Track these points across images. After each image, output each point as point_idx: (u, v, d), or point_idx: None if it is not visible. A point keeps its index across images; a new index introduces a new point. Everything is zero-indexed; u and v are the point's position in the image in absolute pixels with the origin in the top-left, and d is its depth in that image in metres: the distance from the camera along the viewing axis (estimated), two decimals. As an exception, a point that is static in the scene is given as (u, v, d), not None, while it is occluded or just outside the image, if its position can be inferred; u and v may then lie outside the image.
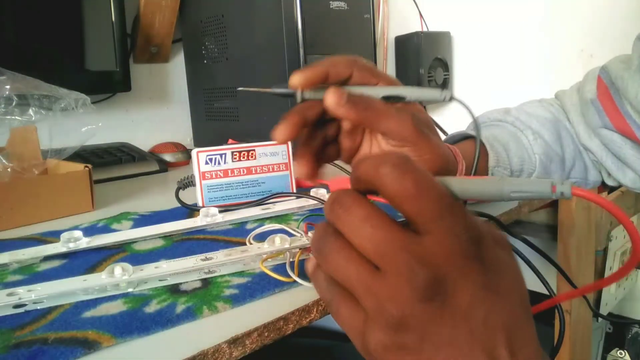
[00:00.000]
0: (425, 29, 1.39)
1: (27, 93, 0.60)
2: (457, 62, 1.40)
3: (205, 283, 0.40)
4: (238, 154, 0.60)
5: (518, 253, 0.45)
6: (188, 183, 0.61)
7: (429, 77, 1.32)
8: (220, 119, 1.02)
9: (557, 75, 1.19)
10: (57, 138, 0.63)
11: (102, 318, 0.35)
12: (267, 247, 0.44)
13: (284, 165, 0.62)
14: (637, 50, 0.57)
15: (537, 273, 0.48)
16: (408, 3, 1.40)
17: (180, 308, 0.36)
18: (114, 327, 0.33)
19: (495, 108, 0.67)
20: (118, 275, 0.39)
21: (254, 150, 0.61)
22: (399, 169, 0.24)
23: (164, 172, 0.91)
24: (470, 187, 0.27)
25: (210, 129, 1.07)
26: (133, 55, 1.07)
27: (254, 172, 0.61)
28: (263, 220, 0.56)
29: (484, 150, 0.56)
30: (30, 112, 0.61)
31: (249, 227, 0.54)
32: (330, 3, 0.89)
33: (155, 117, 1.13)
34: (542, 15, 1.21)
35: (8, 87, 0.59)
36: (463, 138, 0.59)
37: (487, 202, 0.60)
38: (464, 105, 0.40)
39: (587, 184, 0.66)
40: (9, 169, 0.59)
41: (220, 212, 0.55)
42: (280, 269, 0.41)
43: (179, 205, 0.61)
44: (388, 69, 1.40)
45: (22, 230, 0.56)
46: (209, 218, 0.54)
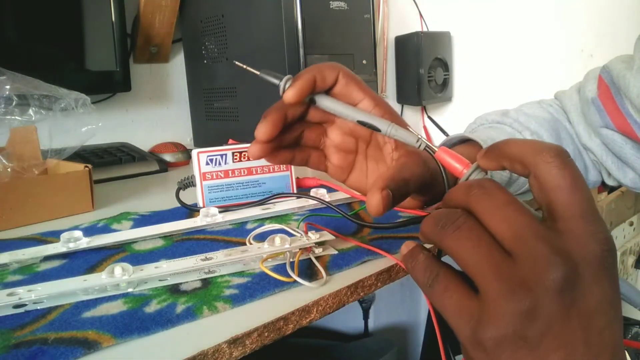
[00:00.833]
0: (425, 29, 1.39)
1: (27, 93, 0.60)
2: (457, 62, 1.40)
3: (205, 283, 0.40)
4: (239, 155, 0.60)
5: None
6: (188, 183, 0.61)
7: (429, 77, 1.32)
8: (220, 119, 1.02)
9: (557, 75, 1.19)
10: (57, 138, 0.63)
11: (102, 318, 0.35)
12: (267, 247, 0.44)
13: (285, 166, 0.62)
14: (638, 50, 0.57)
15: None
16: (408, 3, 1.40)
17: (180, 308, 0.36)
18: (114, 327, 0.33)
19: (494, 110, 0.68)
20: (118, 275, 0.39)
21: (254, 150, 0.61)
22: (561, 159, 0.25)
23: (164, 172, 0.91)
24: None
25: (210, 129, 1.07)
26: (133, 55, 1.07)
27: (255, 172, 0.61)
28: (263, 220, 0.56)
29: None
30: (30, 112, 0.61)
31: (249, 227, 0.54)
32: (330, 3, 0.89)
33: (155, 117, 1.13)
34: (542, 15, 1.21)
35: (8, 87, 0.59)
36: (461, 141, 0.59)
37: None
38: (435, 160, 0.36)
39: (587, 184, 0.66)
40: (9, 169, 0.59)
41: (220, 212, 0.55)
42: (280, 269, 0.41)
43: (179, 205, 0.61)
44: (388, 69, 1.40)
45: (22, 230, 0.56)
46: (209, 218, 0.54)
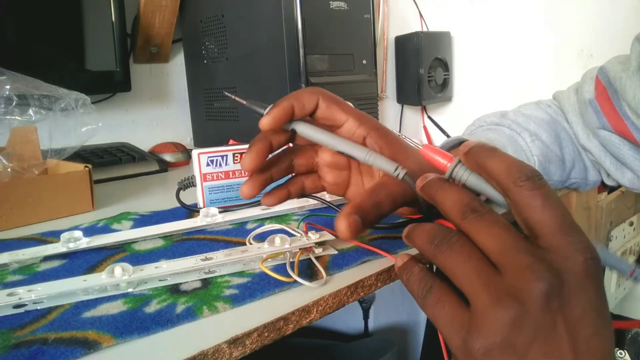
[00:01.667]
0: (425, 29, 1.39)
1: (27, 93, 0.60)
2: (457, 62, 1.40)
3: (205, 283, 0.40)
4: (239, 156, 0.60)
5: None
6: (189, 184, 0.61)
7: (429, 77, 1.32)
8: (220, 119, 1.02)
9: (556, 75, 1.19)
10: (57, 138, 0.63)
11: (102, 318, 0.35)
12: (267, 247, 0.44)
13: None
14: (635, 52, 0.57)
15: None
16: (408, 3, 1.40)
17: (180, 308, 0.36)
18: (114, 327, 0.33)
19: (493, 111, 0.67)
20: (118, 275, 0.39)
21: (254, 151, 0.61)
22: (532, 182, 0.26)
23: (164, 172, 0.91)
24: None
25: (210, 129, 1.07)
26: (133, 55, 1.07)
27: (254, 172, 0.61)
28: (263, 220, 0.56)
29: None
30: (30, 112, 0.61)
31: (249, 227, 0.54)
32: (330, 3, 0.89)
33: (155, 117, 1.13)
34: (542, 15, 1.21)
35: (8, 87, 0.59)
36: (459, 143, 0.59)
37: None
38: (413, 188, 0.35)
39: (587, 184, 0.66)
40: (9, 169, 0.59)
41: (220, 212, 0.55)
42: (280, 269, 0.41)
43: (179, 205, 0.61)
44: (388, 69, 1.40)
45: (22, 230, 0.56)
46: (209, 218, 0.54)
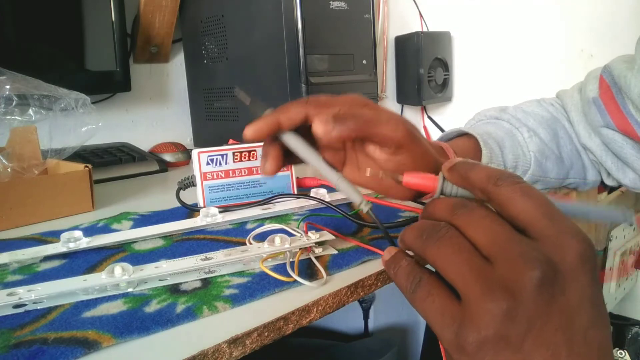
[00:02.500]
0: (425, 29, 1.39)
1: (27, 93, 0.60)
2: (457, 62, 1.40)
3: (205, 283, 0.40)
4: (239, 155, 0.60)
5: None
6: (189, 183, 0.61)
7: (429, 77, 1.32)
8: (220, 119, 1.02)
9: (557, 75, 1.19)
10: (57, 138, 0.63)
11: (102, 318, 0.35)
12: (267, 247, 0.44)
13: (285, 166, 0.62)
14: (639, 51, 0.57)
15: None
16: (408, 3, 1.40)
17: (180, 308, 0.36)
18: (114, 327, 0.33)
19: (493, 106, 0.68)
20: (118, 275, 0.39)
21: (255, 151, 0.61)
22: (511, 179, 0.27)
23: (164, 172, 0.91)
24: None
25: (211, 129, 1.07)
26: (133, 55, 1.07)
27: (255, 172, 0.61)
28: (263, 220, 0.56)
29: (478, 147, 0.56)
30: (30, 112, 0.61)
31: (249, 227, 0.54)
32: (330, 3, 0.89)
33: (155, 117, 1.13)
34: (542, 15, 1.21)
35: (8, 87, 0.59)
36: (458, 135, 0.59)
37: None
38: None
39: (586, 184, 0.66)
40: (9, 169, 0.59)
41: (220, 212, 0.55)
42: (280, 269, 0.41)
43: (179, 205, 0.61)
44: (388, 69, 1.40)
45: (22, 230, 0.56)
46: (209, 218, 0.54)
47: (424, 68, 1.30)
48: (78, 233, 0.48)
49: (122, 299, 0.38)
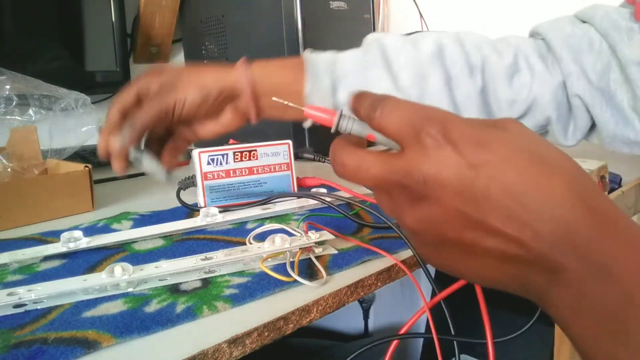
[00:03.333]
0: (425, 29, 1.39)
1: (27, 93, 0.60)
2: (457, 62, 1.40)
3: (205, 283, 0.40)
4: (240, 154, 0.60)
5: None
6: (189, 183, 0.61)
7: (429, 77, 1.32)
8: (221, 119, 1.02)
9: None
10: (57, 138, 0.63)
11: (102, 318, 0.35)
12: (267, 246, 0.43)
13: (286, 165, 0.62)
14: None
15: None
16: (408, 3, 1.40)
17: (180, 308, 0.36)
18: (114, 326, 0.33)
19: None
20: (118, 275, 0.39)
21: (256, 151, 0.61)
22: (374, 102, 0.29)
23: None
24: None
25: (211, 129, 1.07)
26: (133, 55, 1.07)
27: (256, 172, 0.61)
28: (263, 220, 0.56)
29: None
30: (30, 112, 0.61)
31: (249, 227, 0.54)
32: (330, 3, 0.89)
33: (156, 117, 1.13)
34: (542, 16, 1.21)
35: (8, 87, 0.59)
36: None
37: None
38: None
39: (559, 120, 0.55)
40: (9, 169, 0.59)
41: (221, 212, 0.55)
42: (280, 269, 0.41)
43: (179, 205, 0.61)
44: (388, 69, 1.40)
45: (22, 230, 0.56)
46: (209, 218, 0.54)
47: (424, 68, 1.30)
48: (78, 233, 0.48)
49: (122, 299, 0.38)
